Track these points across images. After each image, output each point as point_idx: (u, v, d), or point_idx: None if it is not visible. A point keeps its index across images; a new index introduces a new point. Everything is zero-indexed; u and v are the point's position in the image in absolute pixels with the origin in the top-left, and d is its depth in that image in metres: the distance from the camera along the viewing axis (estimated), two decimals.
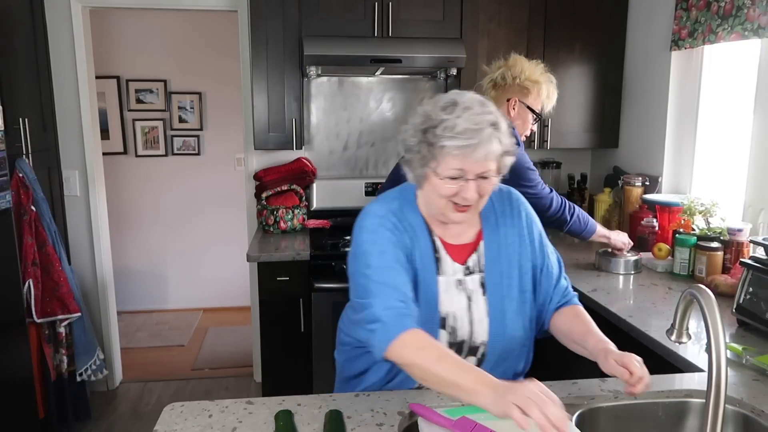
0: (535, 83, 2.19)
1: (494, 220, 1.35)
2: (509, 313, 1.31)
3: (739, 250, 2.14)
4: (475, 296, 1.31)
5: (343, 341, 1.47)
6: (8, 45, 2.60)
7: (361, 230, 1.29)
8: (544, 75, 2.22)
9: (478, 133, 1.15)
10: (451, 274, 1.31)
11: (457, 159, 1.17)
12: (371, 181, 3.24)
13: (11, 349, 2.33)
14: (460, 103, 1.19)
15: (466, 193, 1.20)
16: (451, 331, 1.29)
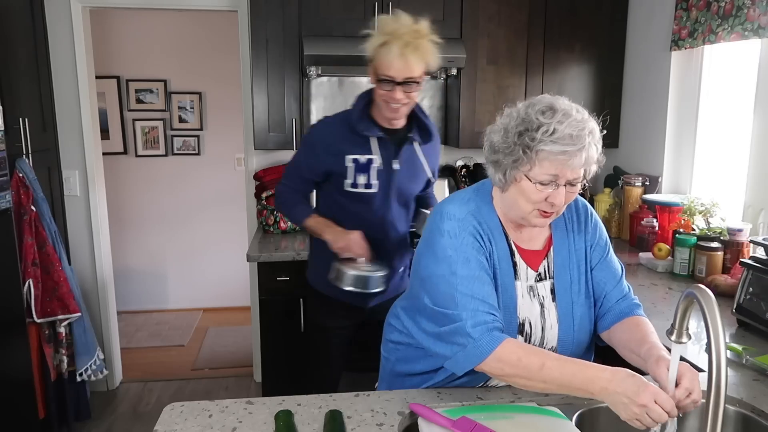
0: (375, 38, 1.80)
1: (564, 227, 1.34)
2: (577, 319, 1.30)
3: (739, 250, 2.14)
4: (546, 302, 1.30)
5: (397, 340, 1.44)
6: (8, 45, 2.60)
7: (441, 233, 1.25)
8: (393, 25, 1.78)
9: (579, 140, 1.14)
10: (525, 279, 1.29)
11: (554, 164, 1.16)
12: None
13: (11, 349, 2.33)
14: (559, 108, 1.18)
15: (555, 198, 1.18)
16: (526, 338, 1.28)
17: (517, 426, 1.16)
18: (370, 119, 1.91)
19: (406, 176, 1.98)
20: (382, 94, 1.81)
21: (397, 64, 1.75)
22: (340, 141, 1.89)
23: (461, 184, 3.26)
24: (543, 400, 1.27)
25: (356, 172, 1.90)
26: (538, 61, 2.98)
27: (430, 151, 2.06)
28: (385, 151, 1.92)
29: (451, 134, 3.18)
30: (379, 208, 1.97)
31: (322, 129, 1.96)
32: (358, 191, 1.93)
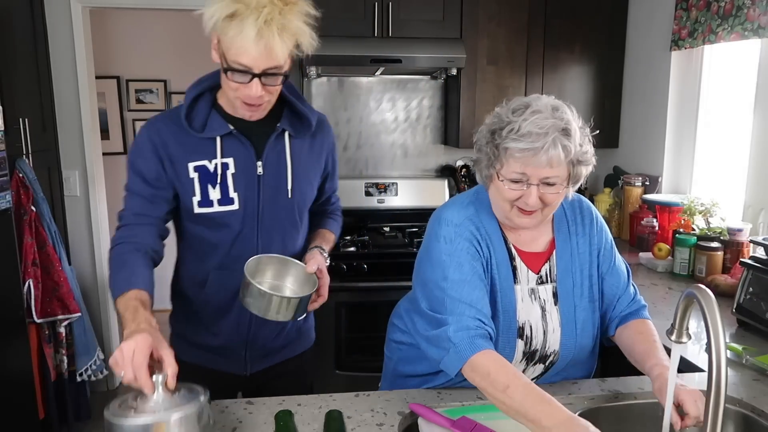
0: (218, 3, 1.25)
1: (566, 229, 1.32)
2: (580, 323, 1.29)
3: (739, 250, 2.14)
4: (548, 306, 1.29)
5: (399, 340, 1.45)
6: (8, 45, 2.59)
7: (437, 239, 1.26)
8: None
9: (542, 138, 1.13)
10: (526, 282, 1.29)
11: (519, 162, 1.16)
12: (371, 181, 3.24)
13: (11, 349, 2.33)
14: (532, 106, 1.17)
15: (528, 198, 1.18)
16: (527, 341, 1.28)
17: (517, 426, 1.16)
18: (213, 108, 1.40)
19: (281, 183, 1.45)
20: (234, 86, 1.29)
21: (253, 50, 1.21)
22: (174, 144, 1.37)
23: (461, 185, 3.27)
24: None
25: (204, 184, 1.38)
26: (538, 61, 2.98)
27: (314, 145, 1.51)
28: (242, 149, 1.39)
29: (451, 134, 3.18)
30: (248, 234, 1.43)
31: (149, 130, 1.39)
32: (212, 212, 1.39)
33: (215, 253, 1.44)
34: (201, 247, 1.46)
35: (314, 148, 1.51)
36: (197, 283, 1.48)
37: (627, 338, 1.31)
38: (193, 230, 1.45)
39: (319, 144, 1.53)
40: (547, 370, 1.33)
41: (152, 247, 1.37)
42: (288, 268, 1.44)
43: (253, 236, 1.44)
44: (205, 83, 1.40)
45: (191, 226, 1.44)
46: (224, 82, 1.32)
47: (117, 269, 1.29)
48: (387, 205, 3.24)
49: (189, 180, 1.38)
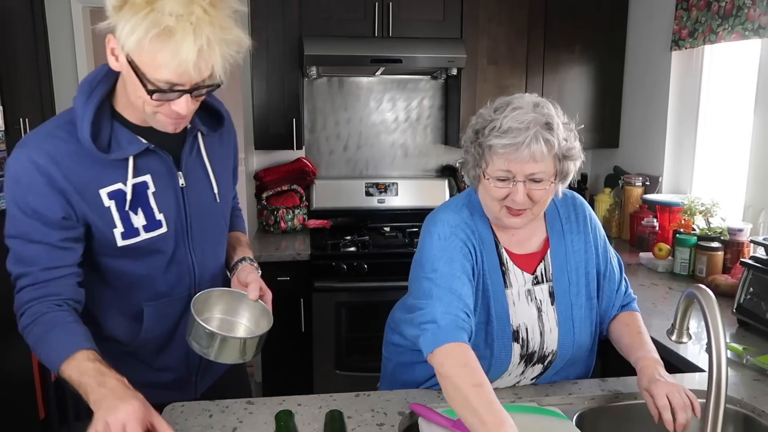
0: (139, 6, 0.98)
1: (560, 227, 1.31)
2: (578, 321, 1.29)
3: (740, 250, 2.14)
4: (544, 306, 1.28)
5: (396, 342, 1.46)
6: (8, 45, 2.60)
7: (431, 237, 1.25)
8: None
9: (523, 132, 1.12)
10: (521, 285, 1.28)
11: (502, 159, 1.15)
12: (371, 181, 3.24)
13: (11, 349, 2.33)
14: (513, 103, 1.17)
15: (515, 195, 1.16)
16: (523, 344, 1.27)
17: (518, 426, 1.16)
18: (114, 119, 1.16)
19: (204, 190, 1.29)
20: (156, 104, 1.07)
21: (192, 70, 1.01)
22: (79, 168, 1.11)
23: (462, 185, 3.27)
24: (543, 400, 1.27)
25: (124, 211, 1.16)
26: (538, 61, 2.98)
27: (223, 141, 1.36)
28: (159, 164, 1.20)
29: (452, 134, 3.18)
30: (181, 254, 1.26)
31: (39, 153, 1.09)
32: (140, 240, 1.18)
33: (146, 285, 1.24)
34: (127, 283, 1.23)
35: (223, 142, 1.36)
36: (127, 323, 1.27)
37: (614, 331, 1.33)
38: (113, 266, 1.21)
39: (227, 135, 1.37)
40: (546, 370, 1.33)
41: (74, 298, 1.14)
42: (239, 301, 1.28)
43: (186, 255, 1.27)
44: (99, 90, 1.13)
45: (111, 262, 1.20)
46: (137, 97, 1.07)
47: (44, 335, 1.10)
48: (387, 205, 3.24)
49: (105, 210, 1.14)
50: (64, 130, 1.12)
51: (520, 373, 1.31)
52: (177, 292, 1.27)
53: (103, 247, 1.18)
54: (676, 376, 1.43)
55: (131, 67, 1.03)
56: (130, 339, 1.27)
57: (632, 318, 1.34)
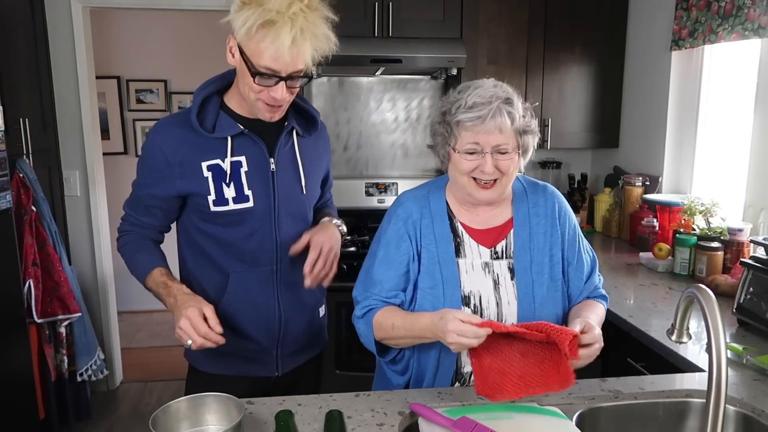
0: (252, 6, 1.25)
1: (526, 210, 1.38)
2: (539, 297, 1.32)
3: (740, 249, 2.14)
4: (501, 280, 1.34)
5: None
6: (8, 45, 2.60)
7: (386, 218, 1.42)
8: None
9: (487, 106, 1.22)
10: (476, 256, 1.35)
11: (470, 132, 1.24)
12: (371, 181, 3.24)
13: (11, 349, 2.33)
14: (474, 83, 1.28)
15: (485, 167, 1.25)
16: (475, 310, 1.32)
17: (518, 426, 1.16)
18: (221, 110, 1.42)
19: (293, 179, 1.49)
20: (258, 90, 1.31)
21: (287, 55, 1.25)
22: (185, 146, 1.39)
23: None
24: (543, 400, 1.27)
25: (219, 182, 1.40)
26: (538, 61, 2.98)
27: (318, 144, 1.58)
28: (253, 148, 1.43)
29: None
30: (265, 229, 1.45)
31: (159, 134, 1.41)
32: (229, 209, 1.41)
33: (232, 251, 1.45)
34: (217, 246, 1.45)
35: (317, 148, 1.57)
36: (217, 287, 1.47)
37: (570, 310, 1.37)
38: (207, 230, 1.45)
39: (322, 144, 1.60)
40: None
41: (156, 239, 1.52)
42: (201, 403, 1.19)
43: (271, 232, 1.46)
44: (212, 86, 1.42)
45: (206, 226, 1.44)
46: (244, 85, 1.33)
47: (132, 251, 1.48)
48: (387, 205, 3.21)
49: (203, 179, 1.40)
50: (181, 116, 1.42)
51: None
52: (260, 264, 1.46)
53: (199, 212, 1.43)
54: (676, 376, 1.43)
55: (242, 56, 1.29)
56: (218, 304, 1.43)
57: (592, 303, 1.38)
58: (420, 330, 1.24)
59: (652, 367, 1.66)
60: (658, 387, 1.33)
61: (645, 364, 1.72)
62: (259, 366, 1.52)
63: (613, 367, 1.89)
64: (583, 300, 1.39)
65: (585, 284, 1.39)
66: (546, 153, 3.33)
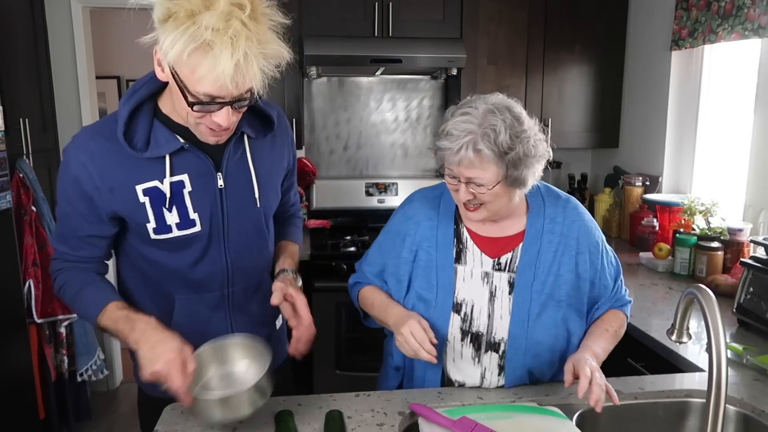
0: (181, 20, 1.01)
1: (540, 224, 1.32)
2: (533, 316, 1.29)
3: (740, 249, 2.14)
4: (498, 293, 1.31)
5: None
6: (8, 45, 2.59)
7: (399, 206, 1.46)
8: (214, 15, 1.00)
9: (458, 139, 1.17)
10: (477, 265, 1.32)
11: (446, 162, 1.22)
12: (371, 181, 3.24)
13: (11, 349, 2.33)
14: (465, 107, 1.22)
15: (458, 194, 1.24)
16: (465, 318, 1.31)
17: (518, 426, 1.16)
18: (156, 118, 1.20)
19: (245, 193, 1.29)
20: (199, 116, 1.11)
21: (229, 84, 1.03)
22: (115, 167, 1.17)
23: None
24: (543, 400, 1.27)
25: (159, 208, 1.20)
26: (538, 61, 2.98)
27: (275, 143, 1.36)
28: (197, 164, 1.22)
29: None
30: (214, 254, 1.28)
31: (83, 151, 1.18)
32: (173, 236, 1.23)
33: (177, 278, 1.28)
34: (160, 273, 1.28)
35: (275, 146, 1.36)
36: (163, 311, 1.28)
37: (589, 328, 1.35)
38: (148, 254, 1.27)
39: (280, 140, 1.37)
40: (503, 360, 1.32)
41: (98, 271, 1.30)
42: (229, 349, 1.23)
43: (220, 256, 1.29)
44: (141, 92, 1.18)
45: (146, 250, 1.26)
46: (181, 108, 1.11)
47: (77, 294, 1.24)
48: (387, 205, 3.24)
49: (140, 205, 1.19)
50: (110, 128, 1.18)
51: (473, 357, 1.32)
52: (209, 290, 1.31)
53: (139, 236, 1.25)
54: (676, 376, 1.43)
55: (174, 78, 1.07)
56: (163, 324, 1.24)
57: (611, 316, 1.36)
58: (387, 317, 1.33)
59: (652, 367, 1.66)
60: (658, 387, 1.33)
61: (645, 364, 1.72)
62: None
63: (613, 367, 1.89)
64: (606, 311, 1.36)
65: (607, 297, 1.36)
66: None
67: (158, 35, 1.05)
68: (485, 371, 1.33)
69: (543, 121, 3.02)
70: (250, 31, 1.01)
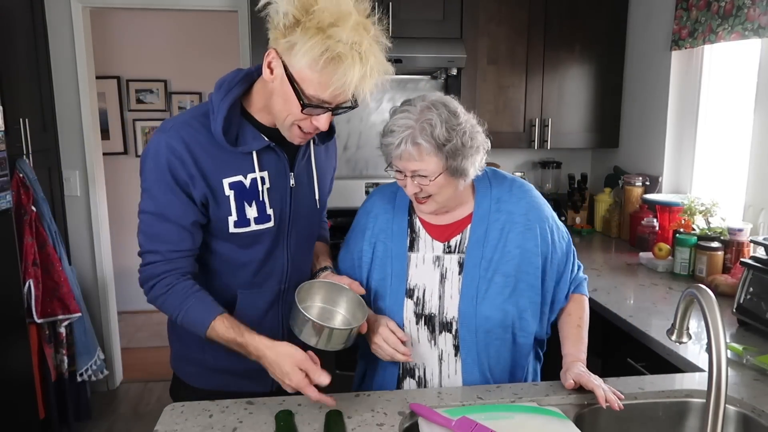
0: (314, 32, 1.09)
1: (487, 205, 1.38)
2: (482, 292, 1.33)
3: (740, 249, 2.14)
4: (449, 274, 1.36)
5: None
6: (8, 45, 2.60)
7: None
8: (347, 27, 1.10)
9: (397, 134, 1.25)
10: (428, 250, 1.39)
11: (389, 157, 1.31)
12: (371, 182, 3.24)
13: (11, 349, 2.33)
14: (405, 105, 1.30)
15: (406, 189, 1.32)
16: (418, 302, 1.37)
17: (518, 426, 1.16)
18: (243, 117, 1.27)
19: (309, 193, 1.39)
20: (301, 118, 1.19)
21: (349, 92, 1.14)
22: (209, 158, 1.23)
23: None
24: (543, 400, 1.27)
25: (241, 202, 1.27)
26: (538, 60, 2.98)
27: (329, 152, 1.49)
28: (276, 163, 1.30)
29: None
30: (279, 249, 1.36)
31: (180, 140, 1.22)
32: (250, 230, 1.29)
33: (244, 272, 1.34)
34: (228, 267, 1.33)
35: (329, 154, 1.49)
36: (222, 305, 1.30)
37: (559, 319, 1.43)
38: (221, 249, 1.32)
39: (332, 151, 1.51)
40: (457, 340, 1.35)
41: (194, 272, 1.30)
42: (339, 293, 1.37)
43: (283, 252, 1.36)
44: (235, 90, 1.25)
45: (220, 245, 1.31)
46: (283, 108, 1.18)
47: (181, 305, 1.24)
48: None
49: (224, 198, 1.25)
50: (199, 121, 1.24)
51: (429, 339, 1.36)
52: (268, 285, 1.37)
53: (216, 230, 1.29)
54: (676, 376, 1.43)
55: (290, 81, 1.14)
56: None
57: (575, 306, 1.43)
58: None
59: (652, 367, 1.66)
60: (658, 387, 1.33)
61: (645, 364, 1.72)
62: (254, 382, 1.40)
63: (613, 367, 1.89)
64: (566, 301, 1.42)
65: (562, 277, 1.40)
66: (546, 153, 3.33)
67: (281, 40, 1.12)
68: (442, 353, 1.37)
69: (543, 121, 3.02)
70: (374, 49, 1.14)
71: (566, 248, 1.42)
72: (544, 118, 3.01)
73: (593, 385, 1.23)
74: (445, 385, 1.37)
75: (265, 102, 1.24)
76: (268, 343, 1.20)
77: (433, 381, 1.38)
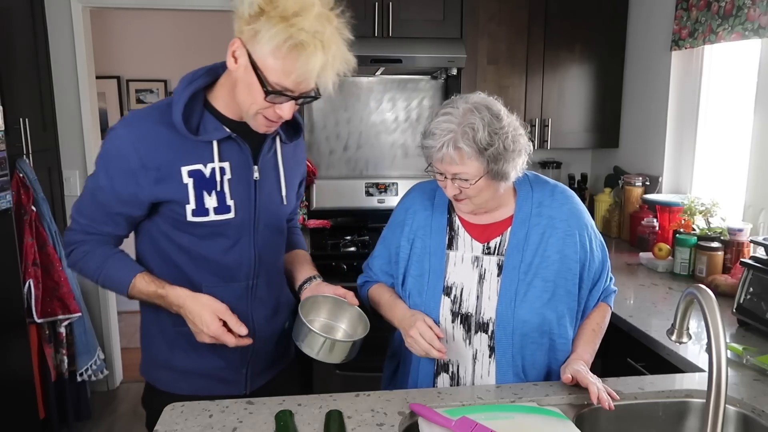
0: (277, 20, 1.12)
1: (528, 209, 1.38)
2: (520, 296, 1.33)
3: (740, 250, 2.14)
4: (488, 275, 1.36)
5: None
6: (8, 45, 2.60)
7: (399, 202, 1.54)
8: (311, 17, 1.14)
9: (439, 138, 1.25)
10: (467, 250, 1.39)
11: (429, 159, 1.30)
12: (371, 181, 3.24)
13: (11, 349, 2.33)
14: (447, 107, 1.29)
15: (446, 189, 1.32)
16: (455, 300, 1.37)
17: (518, 426, 1.16)
18: (205, 109, 1.29)
19: (274, 189, 1.39)
20: (264, 106, 1.20)
21: (312, 80, 1.17)
22: (165, 147, 1.25)
23: None
24: (543, 400, 1.27)
25: (200, 190, 1.27)
26: (538, 60, 2.98)
27: (296, 152, 1.48)
28: (238, 154, 1.31)
29: None
30: (244, 243, 1.35)
31: (135, 130, 1.26)
32: (208, 220, 1.29)
33: (207, 266, 1.33)
34: (190, 259, 1.33)
35: (296, 156, 1.48)
36: None
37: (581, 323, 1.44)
38: (181, 240, 1.31)
39: (300, 152, 1.50)
40: (493, 341, 1.34)
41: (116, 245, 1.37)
42: (341, 308, 1.43)
43: (249, 246, 1.35)
44: (198, 82, 1.27)
45: (179, 237, 1.31)
46: (247, 97, 1.20)
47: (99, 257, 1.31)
48: (387, 205, 3.24)
49: (182, 186, 1.26)
50: (160, 112, 1.27)
51: (464, 338, 1.37)
52: (236, 279, 1.36)
53: (174, 220, 1.30)
54: (676, 376, 1.43)
55: (253, 69, 1.16)
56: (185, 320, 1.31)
57: (597, 312, 1.45)
58: (393, 317, 1.40)
59: (652, 367, 1.66)
60: (658, 387, 1.33)
61: (645, 364, 1.72)
62: (226, 385, 1.41)
63: (613, 367, 1.89)
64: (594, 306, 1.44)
65: (595, 286, 1.41)
66: (546, 153, 3.33)
67: (244, 29, 1.14)
68: (476, 353, 1.37)
69: (543, 121, 3.02)
70: (336, 38, 1.17)
71: (602, 258, 1.42)
72: (544, 118, 3.01)
73: (588, 382, 1.23)
74: (478, 384, 1.37)
75: (229, 93, 1.26)
76: (189, 293, 1.27)
77: (465, 379, 1.38)
